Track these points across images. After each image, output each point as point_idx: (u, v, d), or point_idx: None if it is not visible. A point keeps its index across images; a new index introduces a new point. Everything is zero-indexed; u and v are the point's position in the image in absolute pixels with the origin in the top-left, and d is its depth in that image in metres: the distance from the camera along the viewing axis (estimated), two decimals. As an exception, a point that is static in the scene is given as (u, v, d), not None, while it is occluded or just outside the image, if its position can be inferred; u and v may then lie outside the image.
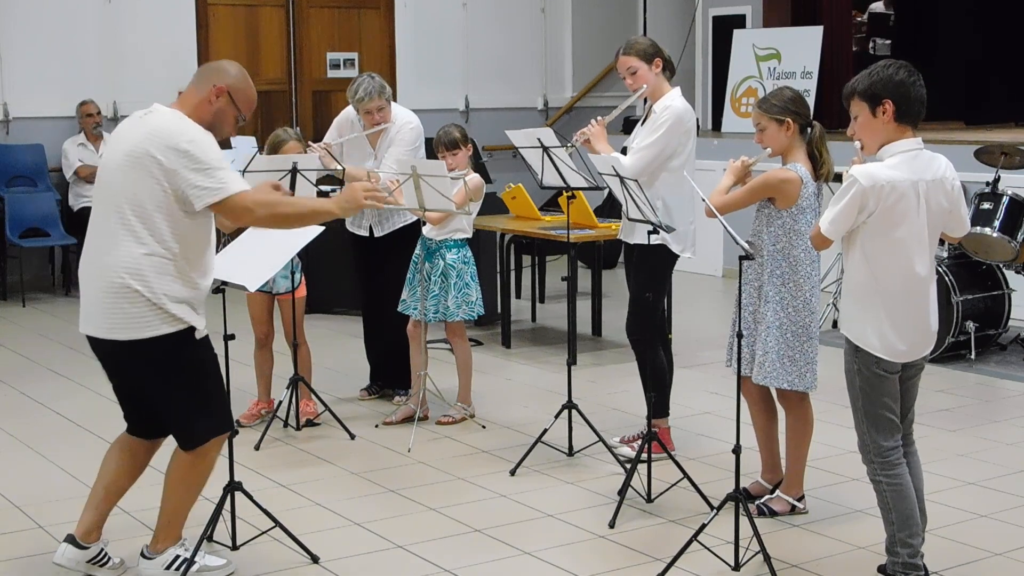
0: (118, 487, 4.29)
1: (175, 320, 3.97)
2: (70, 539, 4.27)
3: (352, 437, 6.01)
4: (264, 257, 4.48)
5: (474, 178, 6.06)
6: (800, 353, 4.71)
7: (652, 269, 5.47)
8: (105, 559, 4.32)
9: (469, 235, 6.19)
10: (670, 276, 5.78)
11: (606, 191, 6.36)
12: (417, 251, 6.15)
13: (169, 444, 4.25)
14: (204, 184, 3.89)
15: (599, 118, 5.47)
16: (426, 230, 6.09)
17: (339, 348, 7.79)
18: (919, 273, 3.96)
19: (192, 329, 4.02)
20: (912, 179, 3.89)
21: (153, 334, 3.95)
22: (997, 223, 7.29)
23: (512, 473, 5.45)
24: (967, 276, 7.50)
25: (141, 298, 3.92)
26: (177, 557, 4.24)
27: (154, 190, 3.90)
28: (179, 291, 3.97)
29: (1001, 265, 7.57)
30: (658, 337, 5.52)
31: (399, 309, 6.23)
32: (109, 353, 4.07)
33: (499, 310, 8.26)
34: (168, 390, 4.06)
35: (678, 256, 5.47)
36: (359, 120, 6.39)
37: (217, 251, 4.57)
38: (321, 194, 6.17)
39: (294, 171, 5.51)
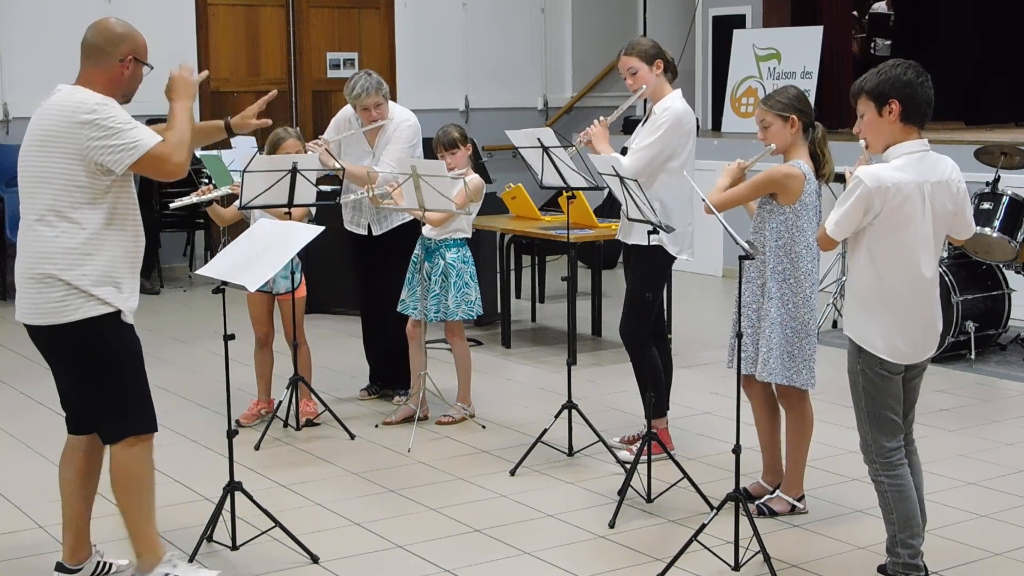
0: (81, 500, 4.19)
1: (99, 303, 3.89)
2: (59, 567, 4.20)
3: (352, 437, 6.01)
4: (264, 257, 4.47)
5: (474, 179, 6.05)
6: (799, 350, 4.71)
7: (649, 269, 5.46)
8: (106, 568, 4.27)
9: (469, 235, 6.19)
10: (667, 277, 5.77)
11: (606, 191, 6.36)
12: (417, 251, 6.15)
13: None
14: (118, 145, 3.81)
15: (601, 118, 5.48)
16: (426, 230, 6.09)
17: (339, 348, 7.78)
18: (925, 275, 3.95)
19: (118, 313, 3.94)
20: (917, 181, 3.88)
21: (73, 318, 3.88)
22: (997, 223, 7.29)
23: (512, 473, 5.44)
24: (967, 276, 7.50)
25: (58, 281, 3.86)
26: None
27: (64, 169, 3.85)
28: (99, 270, 3.89)
29: (1001, 265, 7.57)
30: (651, 337, 5.51)
31: (399, 309, 6.22)
32: (38, 339, 4.02)
33: (499, 310, 8.25)
34: (89, 378, 3.98)
35: (675, 258, 5.47)
36: (356, 119, 6.39)
37: (218, 251, 4.57)
38: (321, 195, 6.17)
39: (294, 171, 5.51)
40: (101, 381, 3.98)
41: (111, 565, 4.29)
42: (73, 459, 4.18)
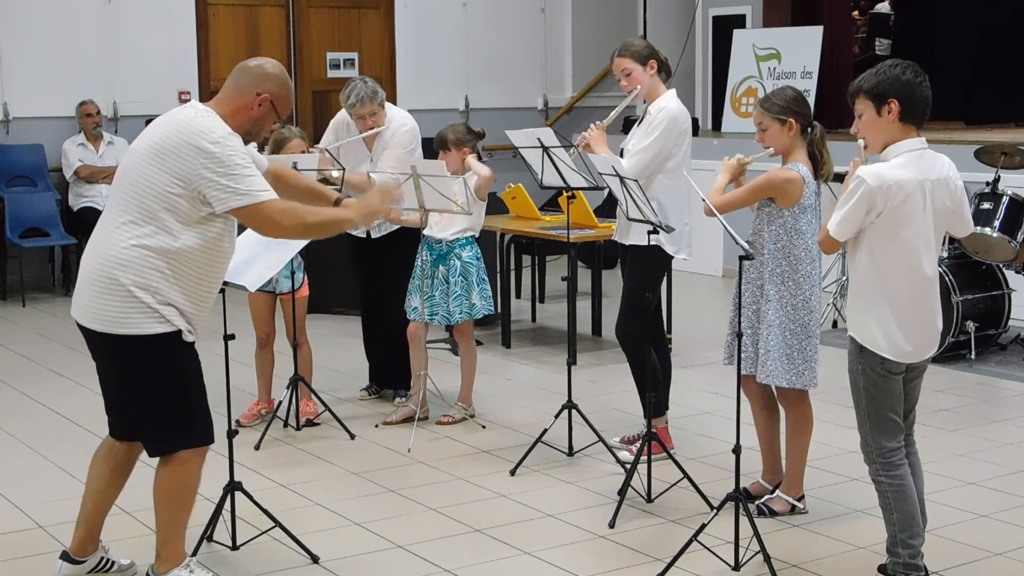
0: (105, 497, 4.19)
1: (161, 320, 3.84)
2: (65, 556, 4.20)
3: (352, 437, 6.01)
4: (264, 257, 4.48)
5: (472, 178, 6.05)
6: (799, 351, 4.71)
7: (646, 269, 5.46)
8: (108, 565, 4.26)
9: (477, 234, 6.20)
10: (663, 277, 5.78)
11: (606, 191, 6.37)
12: (423, 256, 6.10)
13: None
14: (228, 187, 3.77)
15: (598, 122, 5.48)
16: (436, 232, 6.04)
17: (339, 348, 7.79)
18: (926, 273, 3.96)
19: (179, 333, 3.89)
20: (918, 179, 3.89)
21: (132, 332, 3.83)
22: (997, 223, 7.30)
23: (512, 473, 5.45)
24: (967, 276, 7.50)
25: (124, 290, 3.80)
26: None
27: (166, 186, 3.79)
28: (170, 292, 3.84)
29: (1001, 265, 7.57)
30: (648, 337, 5.51)
31: (409, 316, 6.18)
32: (90, 341, 3.97)
33: (499, 310, 8.25)
34: (141, 392, 3.93)
35: (672, 257, 5.48)
36: (354, 122, 6.40)
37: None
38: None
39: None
40: (151, 396, 3.93)
41: (114, 563, 4.29)
42: (109, 458, 4.16)
